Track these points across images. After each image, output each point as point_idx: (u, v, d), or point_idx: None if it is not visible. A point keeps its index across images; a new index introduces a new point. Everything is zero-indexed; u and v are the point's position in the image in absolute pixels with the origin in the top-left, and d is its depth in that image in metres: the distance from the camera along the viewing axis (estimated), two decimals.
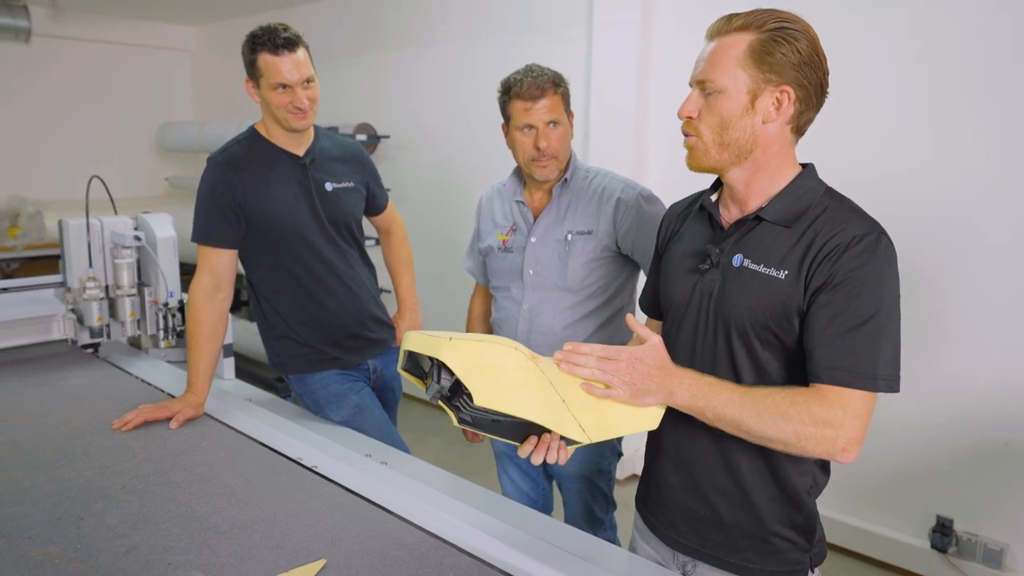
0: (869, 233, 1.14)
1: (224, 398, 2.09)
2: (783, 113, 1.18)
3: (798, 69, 1.15)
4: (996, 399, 2.59)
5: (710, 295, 1.26)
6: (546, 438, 1.20)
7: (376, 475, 1.64)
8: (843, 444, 1.10)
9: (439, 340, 1.13)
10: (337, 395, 2.10)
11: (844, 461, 1.12)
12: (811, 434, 1.09)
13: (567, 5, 3.61)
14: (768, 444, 1.13)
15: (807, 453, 1.12)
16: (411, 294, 2.42)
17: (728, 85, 1.17)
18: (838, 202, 1.21)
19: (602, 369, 1.16)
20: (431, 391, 1.17)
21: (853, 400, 1.10)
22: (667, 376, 1.16)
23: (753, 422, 1.11)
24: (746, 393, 1.14)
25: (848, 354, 1.11)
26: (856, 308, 1.11)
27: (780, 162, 1.22)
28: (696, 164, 1.25)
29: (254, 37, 1.90)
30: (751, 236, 1.23)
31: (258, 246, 2.02)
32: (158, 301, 2.40)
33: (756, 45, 1.16)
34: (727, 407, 1.13)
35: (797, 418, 1.10)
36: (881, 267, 1.13)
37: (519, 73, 1.81)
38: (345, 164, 2.14)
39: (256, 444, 1.79)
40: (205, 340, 1.96)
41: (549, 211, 1.89)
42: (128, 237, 2.31)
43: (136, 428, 1.83)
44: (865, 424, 1.12)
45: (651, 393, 1.16)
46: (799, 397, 1.12)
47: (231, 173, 1.95)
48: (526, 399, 1.12)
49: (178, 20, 5.85)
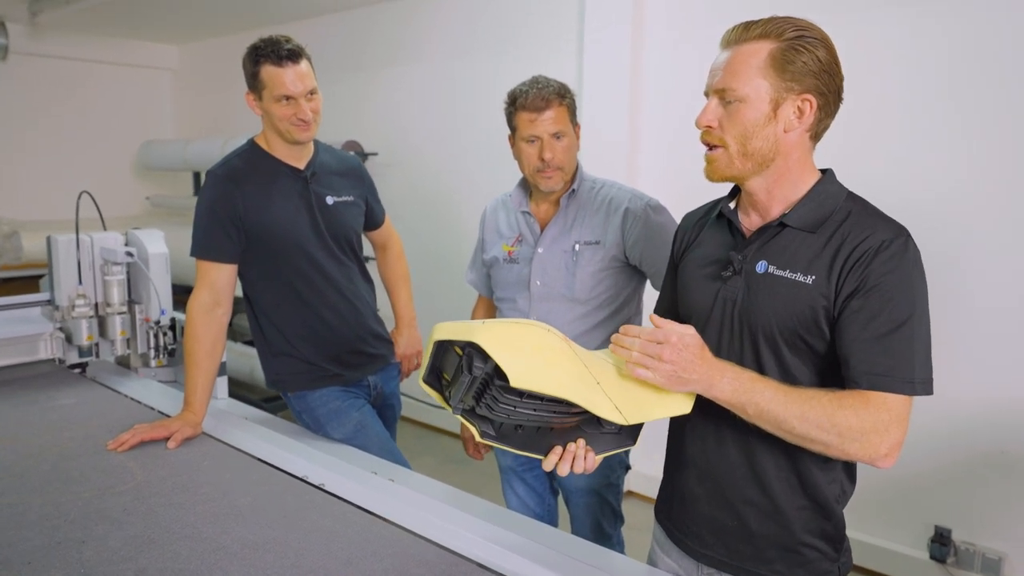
0: (897, 237, 1.14)
1: (221, 417, 2.04)
2: (804, 121, 1.18)
3: (818, 77, 1.16)
4: (993, 409, 2.61)
5: (734, 302, 1.25)
6: (571, 447, 1.18)
7: (386, 492, 1.60)
8: (887, 449, 1.10)
9: (471, 325, 1.12)
10: (338, 412, 2.05)
11: (884, 466, 1.11)
12: (856, 437, 1.09)
13: (557, 20, 3.63)
14: (808, 445, 1.12)
15: (848, 456, 1.11)
16: (409, 309, 2.39)
17: (750, 94, 1.17)
18: (861, 207, 1.21)
19: (644, 350, 1.12)
20: (455, 397, 1.14)
21: (896, 405, 1.11)
22: (710, 366, 1.14)
23: (797, 422, 1.10)
24: (790, 392, 1.12)
25: (885, 358, 1.11)
26: (890, 312, 1.11)
27: (800, 169, 1.22)
28: (718, 174, 1.24)
29: (257, 49, 1.87)
30: (775, 242, 1.22)
31: (258, 260, 1.98)
32: (149, 319, 2.33)
33: (777, 53, 1.16)
34: (771, 404, 1.11)
35: (844, 421, 1.09)
36: (911, 270, 1.13)
37: (525, 84, 1.81)
38: (344, 178, 2.12)
39: (259, 463, 1.74)
40: (204, 356, 1.91)
41: (556, 222, 1.88)
42: (119, 253, 2.25)
43: (132, 448, 1.77)
44: (906, 429, 1.12)
45: (690, 382, 1.13)
46: (846, 400, 1.11)
47: (231, 186, 1.92)
48: (561, 379, 1.10)
49: (159, 39, 5.79)
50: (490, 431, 1.17)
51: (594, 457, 1.19)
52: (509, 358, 1.07)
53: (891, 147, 2.72)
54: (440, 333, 1.15)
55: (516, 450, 1.20)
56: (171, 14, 4.84)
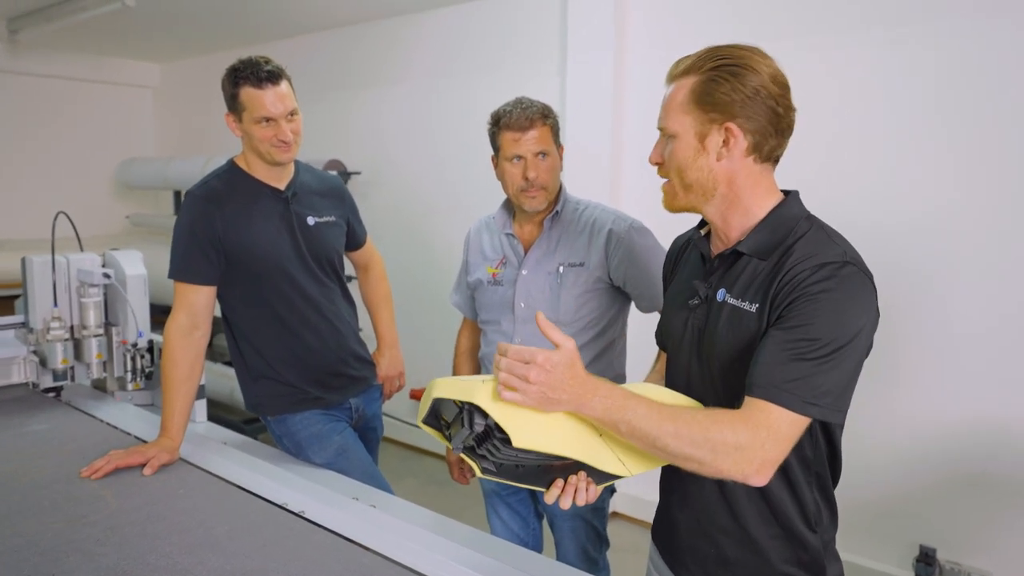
0: (835, 261, 1.10)
1: (199, 442, 2.00)
2: (735, 148, 1.16)
3: (742, 105, 1.14)
4: (974, 428, 2.62)
5: (700, 331, 1.25)
6: (572, 480, 1.17)
7: (367, 519, 1.57)
8: (758, 465, 1.04)
9: (472, 384, 1.10)
10: (319, 436, 2.02)
11: (755, 483, 1.06)
12: (729, 452, 1.04)
13: (540, 41, 3.64)
14: (683, 463, 1.07)
15: (721, 474, 1.06)
16: (391, 330, 2.36)
17: (678, 130, 1.19)
18: (816, 230, 1.17)
19: (510, 371, 1.07)
20: (456, 440, 1.12)
21: (780, 420, 1.05)
22: (580, 384, 1.08)
23: (671, 439, 1.05)
24: (664, 409, 1.08)
25: (788, 373, 1.06)
26: (807, 332, 1.07)
27: (751, 194, 1.20)
28: (669, 206, 1.26)
29: (236, 71, 1.86)
30: (733, 270, 1.22)
31: (238, 282, 1.95)
32: (127, 341, 2.30)
33: (697, 87, 1.17)
34: (643, 422, 1.06)
35: (718, 436, 1.04)
36: (843, 299, 1.08)
37: (509, 104, 1.81)
38: (325, 198, 2.10)
39: (238, 490, 1.70)
40: (181, 381, 1.88)
41: (540, 243, 1.87)
42: (96, 275, 2.21)
43: (107, 476, 1.73)
44: (786, 449, 1.07)
45: (561, 402, 1.08)
46: (723, 415, 1.07)
47: (211, 207, 1.89)
48: (564, 437, 1.09)
49: (141, 57, 5.76)
50: (491, 467, 1.16)
51: (595, 488, 1.18)
52: (512, 421, 1.06)
53: (874, 168, 2.75)
54: (439, 391, 1.14)
55: (517, 484, 1.19)
56: (153, 33, 4.82)
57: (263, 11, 4.24)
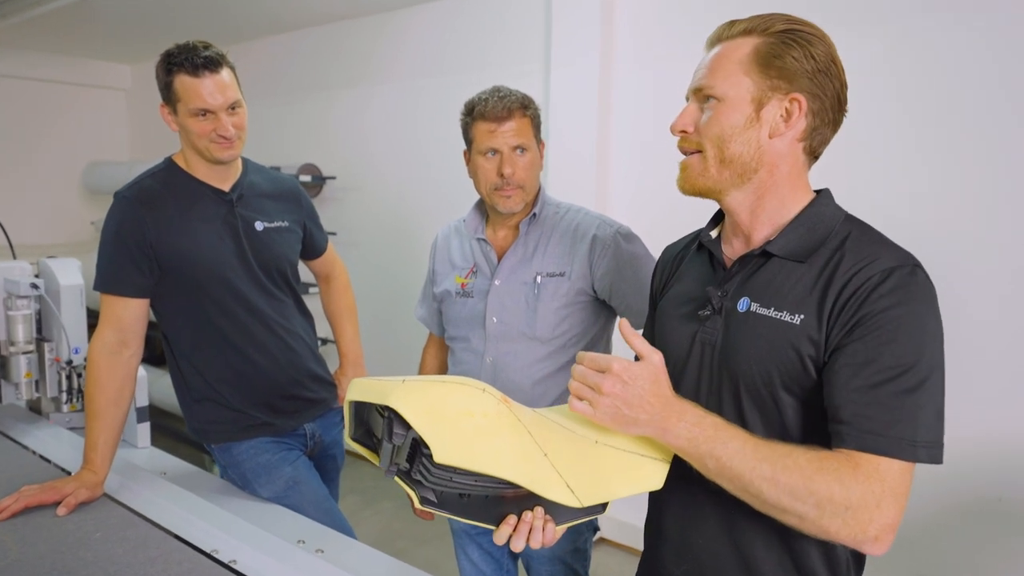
0: (902, 266, 0.94)
1: (132, 473, 1.77)
2: (793, 126, 1.00)
3: (812, 77, 0.98)
4: (989, 453, 2.42)
5: (713, 346, 1.05)
6: (527, 517, 0.96)
7: (308, 570, 1.35)
8: (876, 530, 0.87)
9: (388, 384, 0.90)
10: (267, 467, 1.80)
11: (874, 552, 0.90)
12: (838, 512, 0.87)
13: (524, 42, 3.47)
14: (779, 516, 0.91)
15: (828, 535, 0.89)
16: (355, 346, 2.14)
17: (729, 92, 1.00)
18: (861, 231, 1.01)
19: (583, 379, 0.94)
20: (384, 460, 0.92)
21: (892, 473, 0.88)
22: (665, 406, 0.93)
23: (767, 484, 0.89)
24: (761, 447, 0.91)
25: (882, 413, 0.89)
26: (890, 357, 0.90)
27: (791, 186, 1.03)
28: (690, 185, 1.05)
29: (170, 56, 1.65)
30: (759, 275, 1.02)
31: (174, 294, 1.73)
32: (60, 359, 2.07)
33: (763, 48, 0.99)
34: (736, 459, 0.91)
35: (824, 489, 0.87)
36: (919, 307, 0.93)
37: (485, 93, 1.61)
38: (278, 201, 1.88)
39: (163, 533, 1.47)
40: (106, 406, 1.65)
41: (515, 250, 1.66)
42: (23, 285, 1.99)
43: (15, 516, 1.50)
44: (903, 506, 0.90)
45: (639, 423, 0.93)
46: (828, 462, 0.89)
47: (142, 210, 1.68)
48: (498, 453, 0.89)
49: (112, 58, 5.54)
50: (430, 497, 0.94)
51: (554, 528, 0.97)
52: (430, 428, 0.85)
53: (881, 167, 2.57)
54: (354, 393, 0.93)
55: (461, 519, 0.97)
56: (120, 31, 4.60)
57: (235, 8, 4.03)
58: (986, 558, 2.45)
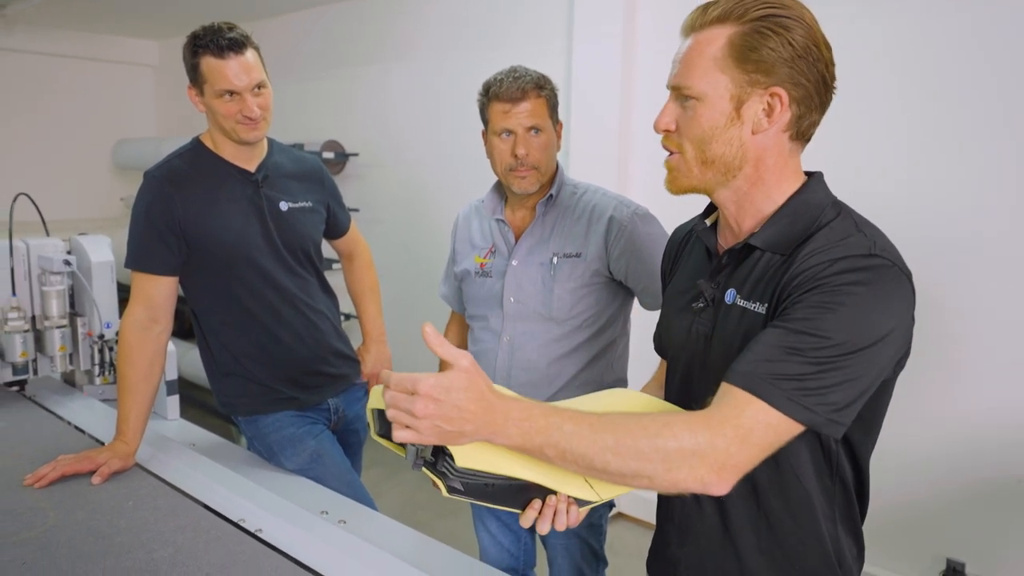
0: (859, 254, 0.89)
1: (162, 444, 1.84)
2: (777, 120, 0.96)
3: (792, 64, 0.93)
4: (1009, 434, 2.41)
5: (705, 339, 1.05)
6: (551, 501, 0.99)
7: (331, 540, 1.40)
8: (717, 468, 0.83)
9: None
10: (292, 440, 1.85)
11: (716, 492, 0.85)
12: (684, 458, 0.83)
13: (547, 18, 3.44)
14: (634, 483, 0.87)
15: (677, 487, 0.85)
16: (377, 324, 2.18)
17: (707, 91, 0.96)
18: (843, 218, 0.97)
19: (395, 405, 0.85)
20: (410, 455, 0.96)
21: (755, 419, 0.84)
22: (486, 411, 0.86)
23: (611, 454, 0.85)
24: (601, 420, 0.87)
25: (779, 368, 0.86)
26: (815, 327, 0.86)
27: (777, 177, 1.00)
28: (676, 186, 1.03)
29: (195, 38, 1.68)
30: (744, 266, 1.01)
31: (202, 273, 1.78)
32: (92, 333, 2.14)
33: (737, 39, 0.94)
34: (574, 440, 0.86)
35: (672, 440, 0.83)
36: (868, 293, 0.87)
37: (501, 73, 1.62)
38: (302, 182, 1.92)
39: (192, 502, 1.53)
40: (138, 381, 1.71)
41: (532, 231, 1.68)
42: (57, 262, 2.05)
43: (52, 484, 1.57)
44: (756, 456, 0.86)
45: (466, 434, 0.86)
46: (679, 417, 0.87)
47: (171, 190, 1.72)
48: (517, 456, 0.91)
49: (139, 34, 5.59)
50: (457, 486, 0.97)
51: (578, 511, 1.00)
52: None
53: (886, 157, 2.53)
54: (375, 400, 0.97)
55: (490, 505, 1.01)
56: (149, 8, 4.64)
57: None
58: (1008, 540, 2.45)
